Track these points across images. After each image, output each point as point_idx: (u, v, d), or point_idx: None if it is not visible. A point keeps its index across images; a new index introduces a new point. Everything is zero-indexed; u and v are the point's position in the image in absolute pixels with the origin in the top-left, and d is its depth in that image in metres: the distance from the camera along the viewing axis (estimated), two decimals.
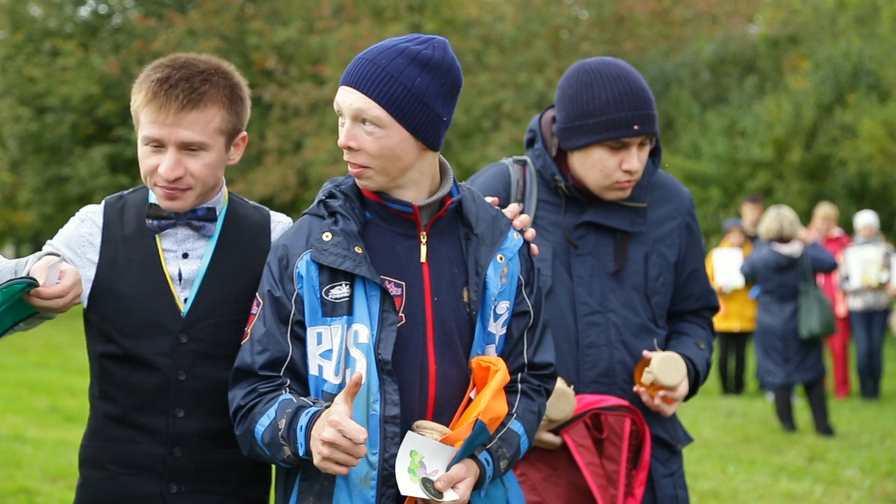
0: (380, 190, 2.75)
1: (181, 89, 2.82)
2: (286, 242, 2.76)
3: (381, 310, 2.69)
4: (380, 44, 2.74)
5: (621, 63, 3.38)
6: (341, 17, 22.66)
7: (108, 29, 26.89)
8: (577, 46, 22.21)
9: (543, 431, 3.31)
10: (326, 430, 2.48)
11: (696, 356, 3.46)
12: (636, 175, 3.35)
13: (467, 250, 2.82)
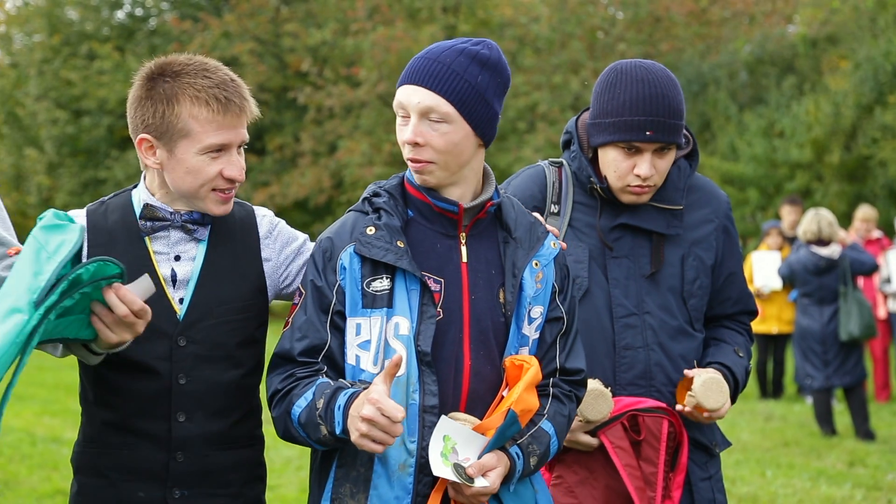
0: (439, 185, 2.86)
1: (237, 94, 2.87)
2: (331, 235, 2.86)
3: (421, 303, 2.79)
4: (436, 45, 2.85)
5: (654, 67, 3.35)
6: (376, 18, 22.71)
7: (144, 32, 27.09)
8: (613, 47, 22.14)
9: (580, 433, 3.31)
10: (366, 407, 2.57)
11: (736, 364, 3.45)
12: (650, 181, 3.33)
13: (505, 253, 2.91)
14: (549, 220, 3.42)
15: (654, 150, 3.32)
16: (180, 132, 2.83)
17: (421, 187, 2.88)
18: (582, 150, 3.45)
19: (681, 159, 3.49)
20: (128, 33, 27.07)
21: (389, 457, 2.75)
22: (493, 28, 23.28)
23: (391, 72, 21.66)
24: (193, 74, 2.84)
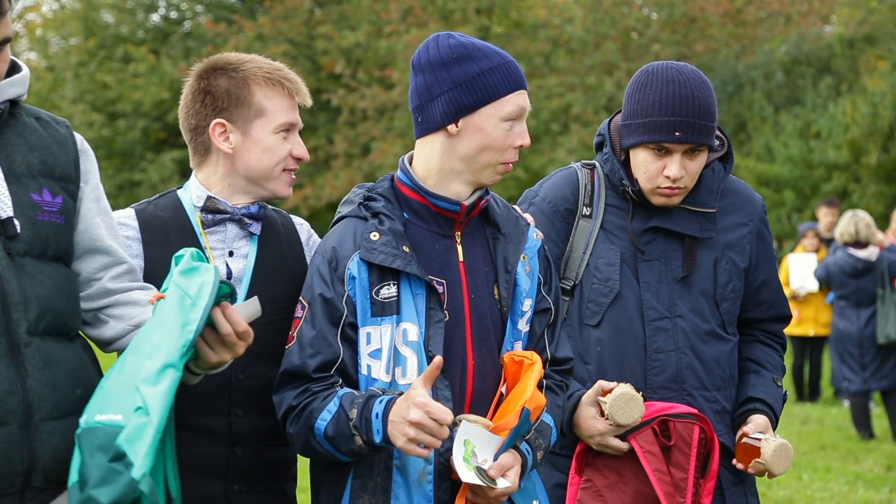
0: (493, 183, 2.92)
1: (294, 77, 3.04)
2: (334, 245, 2.82)
3: (428, 307, 2.80)
4: (489, 46, 2.90)
5: (686, 69, 3.33)
6: (409, 20, 22.73)
7: (179, 35, 27.24)
8: (647, 48, 22.05)
9: (611, 437, 3.30)
10: (413, 411, 2.56)
11: (776, 399, 3.47)
12: (680, 183, 3.32)
13: (495, 249, 2.93)
14: (581, 223, 3.43)
15: (684, 151, 3.30)
16: (256, 112, 2.96)
17: (417, 188, 2.87)
18: (614, 152, 3.44)
19: (715, 161, 3.48)
20: (163, 36, 27.24)
21: (409, 466, 2.76)
22: (527, 29, 23.25)
23: None
24: (256, 62, 3.01)
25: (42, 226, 2.55)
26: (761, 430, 3.36)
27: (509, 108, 2.84)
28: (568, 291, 3.44)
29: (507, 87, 2.84)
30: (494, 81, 2.83)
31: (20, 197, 2.53)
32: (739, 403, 3.48)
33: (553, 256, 3.41)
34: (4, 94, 2.57)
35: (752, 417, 3.41)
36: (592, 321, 3.41)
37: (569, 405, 3.34)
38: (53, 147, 2.65)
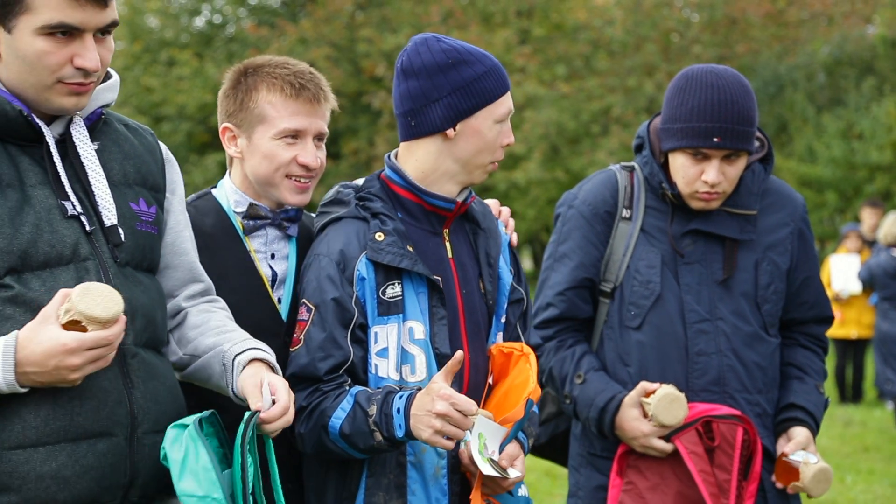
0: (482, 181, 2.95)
1: (312, 83, 2.94)
2: (341, 247, 2.83)
3: (430, 305, 2.84)
4: (479, 51, 2.91)
5: (726, 73, 3.31)
6: (450, 23, 22.75)
7: (222, 38, 27.42)
8: (687, 50, 21.95)
9: (655, 438, 3.30)
10: (439, 403, 2.59)
11: (818, 407, 3.45)
12: (719, 188, 3.31)
13: (476, 244, 2.99)
14: (621, 225, 3.43)
15: (722, 156, 3.29)
16: (258, 118, 2.92)
17: (411, 187, 2.89)
18: (653, 155, 3.43)
19: (755, 163, 3.46)
20: (206, 40, 27.42)
21: (425, 462, 2.81)
22: (567, 31, 23.21)
23: None
24: (273, 66, 2.95)
25: (140, 236, 2.51)
26: (803, 445, 3.36)
27: (502, 110, 2.89)
28: (608, 294, 3.45)
29: (500, 89, 2.88)
30: (490, 85, 2.87)
31: (121, 206, 2.48)
32: (781, 408, 3.46)
33: (593, 259, 3.44)
34: (101, 100, 2.51)
35: (792, 431, 3.40)
36: (633, 324, 3.41)
37: (610, 407, 3.35)
38: (145, 155, 2.60)
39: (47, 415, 2.29)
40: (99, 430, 2.34)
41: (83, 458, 2.31)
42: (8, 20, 2.31)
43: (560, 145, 21.29)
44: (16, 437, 2.28)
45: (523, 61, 21.78)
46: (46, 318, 2.26)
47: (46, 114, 2.43)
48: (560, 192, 19.43)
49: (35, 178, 2.39)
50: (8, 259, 2.30)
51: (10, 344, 2.25)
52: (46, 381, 2.27)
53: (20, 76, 2.36)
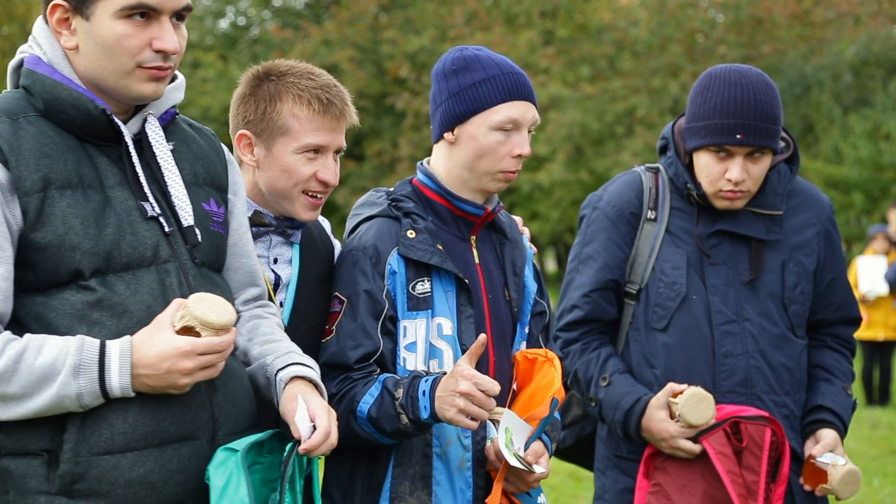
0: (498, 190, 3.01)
1: (339, 98, 2.91)
2: (375, 242, 2.91)
3: (458, 303, 2.91)
4: (502, 58, 2.99)
5: (749, 71, 3.31)
6: (474, 24, 22.75)
7: (246, 40, 27.55)
8: (713, 50, 21.87)
9: (682, 439, 3.29)
10: (462, 382, 2.67)
11: (846, 409, 3.43)
12: (743, 186, 3.30)
13: (502, 254, 3.07)
14: (646, 226, 3.44)
15: (745, 154, 3.28)
16: (280, 129, 2.87)
17: (442, 192, 2.98)
18: (678, 156, 3.43)
19: (781, 163, 3.44)
20: (230, 42, 27.56)
21: (450, 454, 2.88)
22: (591, 32, 23.18)
23: None
24: (298, 76, 2.89)
25: (213, 236, 2.52)
26: (831, 447, 3.34)
27: (498, 118, 2.91)
28: (633, 295, 3.44)
29: (497, 97, 2.92)
30: (484, 92, 2.92)
31: (194, 206, 2.48)
32: (809, 410, 3.44)
33: (618, 260, 3.43)
34: (172, 99, 2.51)
35: (820, 433, 3.39)
36: (659, 325, 3.40)
37: (636, 409, 3.34)
38: (211, 156, 2.60)
39: (135, 420, 2.30)
40: (183, 433, 2.35)
41: (169, 462, 2.33)
42: (86, 7, 2.33)
43: (584, 146, 21.25)
44: (104, 442, 2.28)
45: (547, 62, 21.76)
46: (161, 324, 2.29)
47: (123, 110, 2.43)
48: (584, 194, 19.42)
49: (113, 178, 2.38)
50: (94, 260, 2.30)
51: (125, 348, 2.27)
52: (156, 385, 2.29)
53: (99, 64, 2.36)
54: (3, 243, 2.27)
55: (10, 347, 2.24)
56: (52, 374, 2.23)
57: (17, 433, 2.28)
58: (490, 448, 2.90)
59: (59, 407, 2.25)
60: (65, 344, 2.25)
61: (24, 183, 2.28)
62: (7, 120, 2.32)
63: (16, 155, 2.28)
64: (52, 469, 2.27)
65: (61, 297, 2.30)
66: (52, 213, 2.29)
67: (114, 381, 2.26)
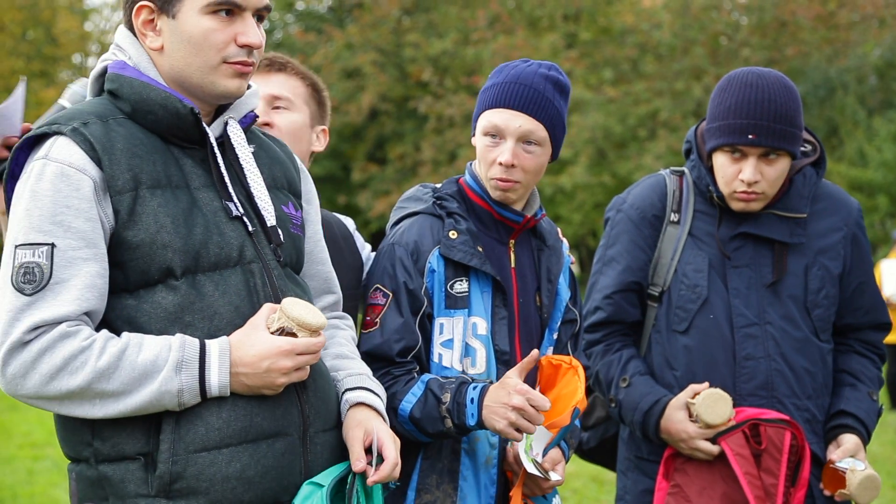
0: (515, 201, 3.03)
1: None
2: (415, 239, 2.98)
3: (493, 304, 2.99)
4: (521, 68, 3.00)
5: (768, 74, 3.32)
6: (496, 27, 22.75)
7: (270, 44, 27.59)
8: (736, 53, 21.79)
9: (700, 440, 3.30)
10: (515, 397, 2.74)
11: (870, 415, 3.43)
12: (757, 188, 3.31)
13: (539, 260, 3.12)
14: (669, 229, 3.46)
15: (759, 154, 3.29)
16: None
17: (485, 196, 3.04)
18: (700, 159, 3.44)
19: (807, 167, 3.44)
20: None
21: (478, 451, 2.96)
22: (614, 35, 23.12)
23: None
24: None
25: (294, 238, 2.57)
26: (851, 453, 3.34)
27: (483, 123, 3.01)
28: (656, 298, 3.46)
29: (487, 103, 3.00)
30: (484, 98, 3.02)
31: (276, 207, 2.53)
32: (832, 415, 3.44)
33: (640, 262, 3.46)
34: (250, 104, 2.56)
35: (842, 438, 3.39)
36: (680, 327, 3.42)
37: (655, 410, 3.37)
38: (286, 162, 2.66)
39: (228, 416, 2.33)
40: (276, 429, 2.38)
41: (264, 458, 2.35)
42: (172, 6, 2.40)
43: (607, 149, 21.21)
44: (200, 439, 2.31)
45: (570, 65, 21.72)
46: (256, 325, 2.34)
47: (204, 114, 2.48)
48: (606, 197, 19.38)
49: (199, 180, 2.43)
50: (185, 259, 2.34)
51: (224, 347, 2.32)
52: (253, 384, 2.33)
53: (186, 60, 2.42)
54: (98, 241, 2.31)
55: (111, 345, 2.28)
56: (154, 370, 2.27)
57: (113, 438, 2.32)
58: (510, 451, 2.98)
59: (157, 404, 2.28)
60: (166, 342, 2.29)
61: (117, 182, 2.32)
62: (98, 122, 2.37)
63: (108, 155, 2.33)
64: (150, 471, 2.30)
65: (152, 301, 2.33)
66: (144, 211, 2.33)
67: (213, 379, 2.30)
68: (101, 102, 2.44)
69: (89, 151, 2.32)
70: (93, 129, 2.35)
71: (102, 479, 2.32)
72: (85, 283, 2.28)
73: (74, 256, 2.28)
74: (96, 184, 2.31)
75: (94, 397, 2.27)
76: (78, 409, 2.29)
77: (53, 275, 2.27)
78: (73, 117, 2.38)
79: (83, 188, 2.30)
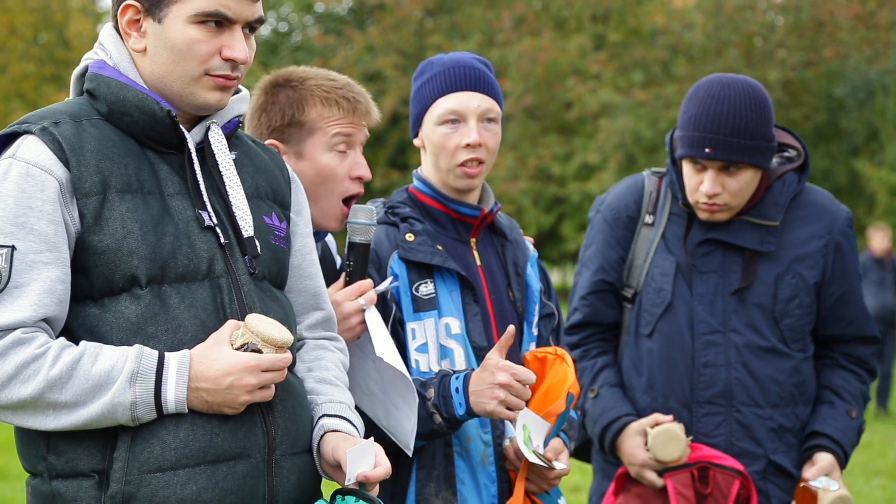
0: (475, 189, 3.10)
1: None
2: (374, 248, 3.00)
3: (464, 302, 3.01)
4: (451, 56, 3.11)
5: (736, 84, 3.36)
6: (522, 29, 22.78)
7: (288, 47, 27.74)
8: (772, 54, 21.74)
9: (648, 471, 3.39)
10: (500, 374, 2.79)
11: (846, 434, 3.44)
12: (718, 200, 3.36)
13: (504, 255, 3.16)
14: (644, 231, 3.54)
15: (719, 167, 3.33)
16: (309, 131, 2.96)
17: (437, 196, 3.08)
18: (673, 164, 3.50)
19: (789, 173, 3.48)
20: (272, 48, 27.77)
21: (471, 451, 2.98)
22: (645, 36, 23.12)
23: (538, 83, 21.68)
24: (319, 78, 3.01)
25: (275, 250, 2.52)
26: (825, 472, 3.36)
27: (438, 112, 3.04)
28: (630, 299, 3.53)
29: (435, 93, 3.05)
30: (426, 91, 3.07)
31: (255, 218, 2.49)
32: (807, 436, 3.47)
33: (613, 262, 3.55)
34: (236, 110, 2.53)
35: (816, 457, 3.41)
36: (646, 331, 3.49)
37: (613, 427, 3.45)
38: (275, 171, 2.61)
39: (186, 436, 2.29)
40: (237, 451, 2.33)
41: (223, 480, 2.31)
42: (159, 9, 2.36)
43: (636, 154, 21.16)
44: (155, 459, 2.27)
45: (598, 67, 21.74)
46: (220, 340, 2.30)
47: (185, 119, 2.45)
48: None
49: (173, 187, 2.39)
50: (151, 267, 2.30)
51: (184, 361, 2.28)
52: (214, 401, 2.29)
53: (167, 68, 2.38)
54: (61, 245, 2.28)
55: (65, 353, 2.24)
56: (108, 381, 2.23)
57: (68, 453, 2.29)
58: (509, 447, 2.98)
59: (110, 417, 2.25)
60: (123, 352, 2.25)
61: (84, 184, 2.29)
62: (70, 121, 2.34)
63: (77, 156, 2.30)
64: (103, 490, 2.27)
65: (116, 310, 2.30)
66: (111, 216, 2.30)
67: (169, 394, 2.26)
68: (77, 102, 2.42)
69: (57, 151, 2.29)
70: (63, 129, 2.32)
71: (56, 496, 2.29)
72: (44, 287, 2.25)
73: (35, 260, 2.25)
74: (62, 185, 2.28)
75: (47, 408, 2.24)
76: (31, 420, 2.25)
77: (12, 278, 2.24)
78: (44, 116, 2.36)
79: (48, 189, 2.27)
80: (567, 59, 21.60)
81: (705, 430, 3.41)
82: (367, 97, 3.00)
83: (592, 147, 20.91)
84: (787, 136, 3.56)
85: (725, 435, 3.41)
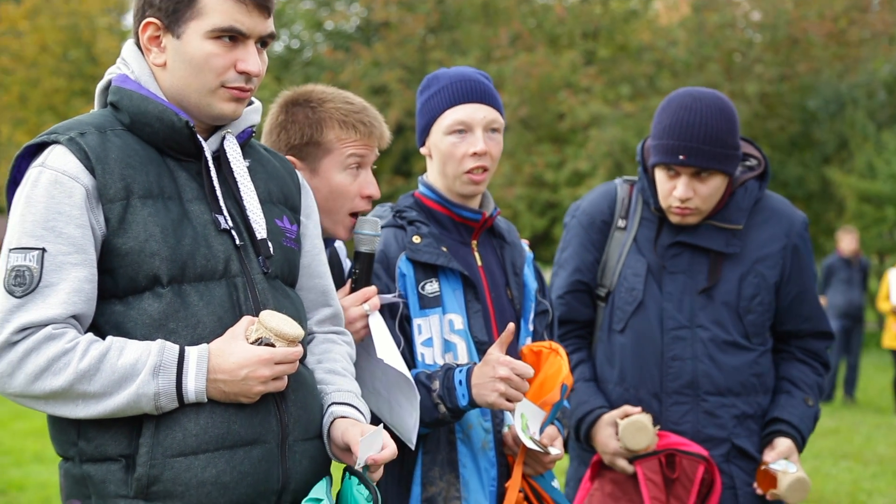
0: (479, 195, 3.12)
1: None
2: (382, 249, 3.04)
3: (466, 299, 3.03)
4: (456, 70, 3.12)
5: (706, 97, 3.39)
6: (518, 45, 22.85)
7: (300, 62, 27.78)
8: (749, 69, 21.83)
9: (619, 458, 3.43)
10: (501, 368, 2.83)
11: (804, 420, 3.49)
12: (690, 204, 3.39)
13: (503, 256, 3.19)
14: (617, 234, 3.57)
15: (691, 173, 3.37)
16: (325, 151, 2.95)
17: (442, 200, 3.11)
18: (645, 172, 3.53)
19: (750, 180, 3.52)
20: (284, 64, 27.81)
21: (472, 438, 3.01)
22: (632, 52, 23.20)
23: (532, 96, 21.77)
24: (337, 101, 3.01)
25: (287, 251, 2.54)
26: (784, 455, 3.42)
27: (446, 123, 3.06)
28: (603, 298, 3.59)
29: (444, 104, 3.07)
30: (435, 102, 3.09)
31: (268, 221, 2.50)
32: (767, 422, 3.52)
33: (588, 264, 3.60)
34: (250, 120, 2.56)
35: (776, 441, 3.47)
36: (618, 327, 3.53)
37: (587, 419, 3.51)
38: (286, 177, 2.63)
39: (206, 423, 2.32)
40: (253, 437, 2.36)
41: (240, 464, 2.33)
42: (178, 26, 2.39)
43: (624, 162, 21.27)
44: (177, 444, 2.30)
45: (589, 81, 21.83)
46: (236, 335, 2.33)
47: (202, 129, 2.49)
48: None
49: (191, 193, 2.42)
50: (171, 267, 2.33)
51: (203, 354, 2.30)
52: (231, 391, 2.32)
53: (185, 81, 2.41)
54: (88, 247, 2.30)
55: (93, 348, 2.27)
56: (133, 373, 2.26)
57: (97, 439, 2.32)
58: (508, 434, 3.03)
59: (135, 407, 2.28)
60: (146, 347, 2.28)
61: (109, 191, 2.32)
62: (95, 132, 2.37)
63: (102, 164, 2.32)
64: (130, 473, 2.30)
65: (139, 308, 2.33)
66: (134, 220, 2.32)
67: (190, 385, 2.29)
68: (102, 114, 2.44)
69: (83, 160, 2.31)
70: (89, 139, 2.34)
71: (86, 478, 2.32)
72: (73, 287, 2.28)
73: (64, 261, 2.28)
74: (88, 192, 2.31)
75: (77, 398, 2.27)
76: (62, 409, 2.28)
77: (43, 278, 2.27)
78: (71, 127, 2.38)
79: (75, 195, 2.30)
80: (560, 74, 21.68)
81: (673, 418, 3.46)
82: (381, 120, 3.01)
83: (583, 155, 20.99)
84: (748, 147, 3.60)
85: (692, 422, 3.45)
